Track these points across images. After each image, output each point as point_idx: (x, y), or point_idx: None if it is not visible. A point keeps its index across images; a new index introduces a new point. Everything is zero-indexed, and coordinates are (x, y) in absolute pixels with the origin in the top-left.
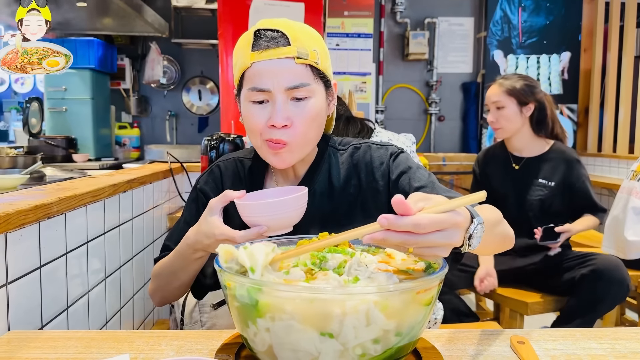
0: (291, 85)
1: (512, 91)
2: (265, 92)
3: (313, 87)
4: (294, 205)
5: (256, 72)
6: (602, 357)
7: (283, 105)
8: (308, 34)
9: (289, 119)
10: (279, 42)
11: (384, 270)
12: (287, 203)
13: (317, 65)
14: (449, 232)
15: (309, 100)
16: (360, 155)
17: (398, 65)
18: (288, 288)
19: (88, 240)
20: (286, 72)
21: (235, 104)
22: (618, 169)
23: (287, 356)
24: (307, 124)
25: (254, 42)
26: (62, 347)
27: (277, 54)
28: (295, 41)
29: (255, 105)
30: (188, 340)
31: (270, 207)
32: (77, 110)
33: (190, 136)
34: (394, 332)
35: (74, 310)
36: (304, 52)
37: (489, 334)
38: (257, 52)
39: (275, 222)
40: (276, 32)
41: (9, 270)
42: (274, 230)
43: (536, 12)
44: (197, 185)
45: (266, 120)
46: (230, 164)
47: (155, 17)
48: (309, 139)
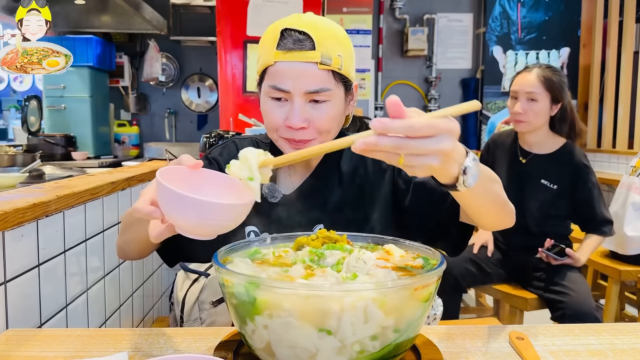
0: (311, 89)
1: (550, 84)
2: (284, 92)
3: (333, 92)
4: (218, 214)
5: (278, 71)
6: (601, 352)
7: (301, 107)
8: (334, 37)
9: (306, 121)
10: (304, 45)
11: (382, 267)
12: (206, 207)
13: (339, 70)
14: (441, 138)
15: (327, 103)
16: None
17: (397, 61)
18: (286, 285)
19: (87, 238)
20: (308, 76)
21: (234, 101)
22: (617, 165)
23: (285, 353)
24: (324, 126)
25: (280, 40)
26: (60, 345)
27: (301, 57)
28: (321, 46)
29: (274, 101)
30: (186, 337)
31: (183, 202)
32: (76, 108)
33: (189, 134)
34: (392, 329)
35: (73, 309)
36: (327, 57)
37: (488, 330)
38: (282, 52)
39: (183, 222)
40: (303, 34)
41: (7, 269)
42: (183, 231)
43: (535, 7)
44: (209, 155)
45: (283, 118)
46: (247, 142)
47: (154, 15)
48: (327, 138)
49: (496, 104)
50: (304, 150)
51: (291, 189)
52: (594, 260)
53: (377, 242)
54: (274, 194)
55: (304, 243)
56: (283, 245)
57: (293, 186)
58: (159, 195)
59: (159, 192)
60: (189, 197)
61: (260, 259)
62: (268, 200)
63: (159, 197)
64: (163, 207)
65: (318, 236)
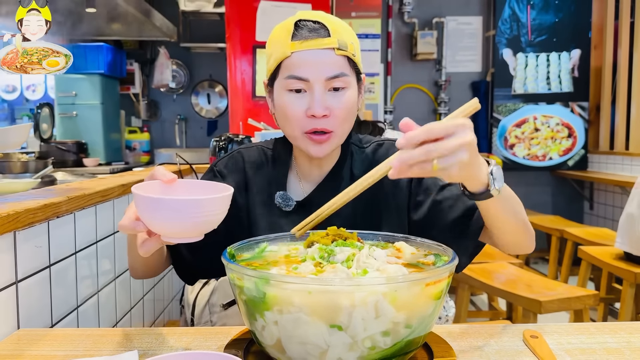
0: (331, 75)
1: None
2: (304, 81)
3: (349, 79)
4: (196, 210)
5: (296, 61)
6: (618, 350)
7: (322, 95)
8: (345, 27)
9: (327, 109)
10: (320, 32)
11: (393, 263)
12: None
13: (354, 57)
14: (459, 132)
15: (345, 90)
16: (383, 152)
17: (406, 65)
18: (296, 280)
19: (97, 240)
20: (326, 63)
21: (244, 106)
22: (631, 167)
23: (295, 350)
24: (345, 114)
25: (295, 31)
26: (71, 345)
27: (319, 44)
28: (335, 33)
29: (292, 94)
30: (197, 337)
31: (160, 205)
32: (87, 115)
33: (199, 139)
34: (404, 325)
35: (84, 310)
36: (343, 43)
37: (502, 329)
38: (298, 41)
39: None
40: (317, 23)
41: (18, 269)
42: (169, 237)
43: (545, 9)
44: (214, 167)
45: (304, 110)
46: (253, 151)
47: (164, 22)
48: (345, 129)
49: (507, 107)
50: (342, 194)
51: (302, 195)
52: (607, 262)
53: (387, 240)
54: (287, 203)
55: (314, 240)
56: (293, 243)
57: (304, 192)
58: (137, 206)
59: (136, 203)
60: (164, 199)
61: (270, 257)
62: (282, 210)
63: (138, 209)
64: (143, 217)
65: (328, 233)
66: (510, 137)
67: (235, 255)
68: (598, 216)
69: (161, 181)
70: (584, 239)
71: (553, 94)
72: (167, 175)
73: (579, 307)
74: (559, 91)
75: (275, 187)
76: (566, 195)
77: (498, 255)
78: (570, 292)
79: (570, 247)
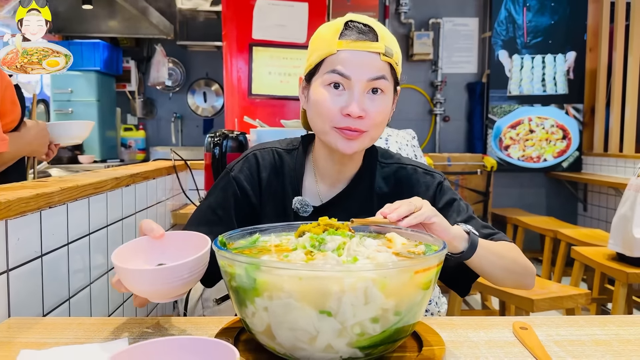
0: (373, 76)
1: None
2: (345, 78)
3: (389, 84)
4: (172, 276)
5: (341, 59)
6: (606, 342)
7: (361, 96)
8: (392, 37)
9: (364, 111)
10: (369, 36)
11: (383, 252)
12: (170, 272)
13: (396, 66)
14: (426, 205)
15: (383, 95)
16: (406, 176)
17: (402, 65)
18: (286, 265)
19: (90, 232)
20: (370, 65)
21: (240, 104)
22: (625, 169)
23: (285, 335)
24: (380, 118)
25: (343, 31)
26: (61, 333)
27: (367, 46)
28: (383, 39)
29: (331, 89)
30: (188, 326)
31: (133, 276)
32: (83, 112)
33: (195, 138)
34: (393, 312)
35: (76, 302)
36: (389, 50)
37: (492, 321)
38: (347, 41)
39: (146, 293)
40: (366, 26)
41: (9, 257)
42: (155, 299)
43: (541, 11)
44: (230, 172)
45: (340, 107)
46: (268, 154)
47: (161, 20)
48: (377, 134)
49: (502, 108)
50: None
51: (318, 197)
52: (600, 263)
53: (379, 232)
54: (305, 209)
55: (305, 230)
56: (285, 234)
57: (320, 195)
58: (118, 275)
59: (117, 272)
60: (137, 271)
61: (262, 246)
62: (300, 215)
63: (119, 276)
64: (124, 284)
65: (320, 223)
66: (505, 138)
67: (226, 243)
68: (592, 217)
69: (149, 237)
70: (577, 239)
71: (548, 96)
72: (155, 231)
73: (571, 305)
74: (554, 93)
75: (290, 191)
76: (560, 197)
77: None
78: (563, 290)
79: (564, 248)
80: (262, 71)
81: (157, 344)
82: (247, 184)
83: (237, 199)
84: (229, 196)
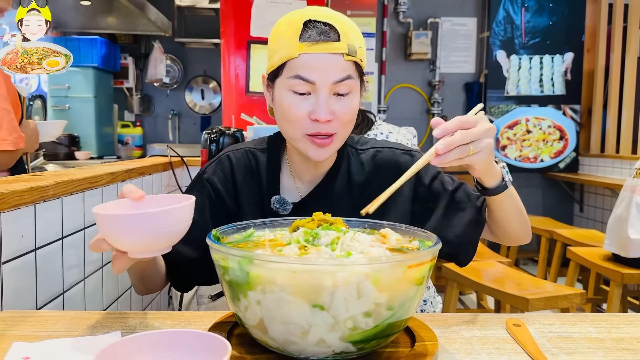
0: (338, 78)
1: None
2: (309, 83)
3: (355, 82)
4: (154, 222)
5: (303, 63)
6: (599, 339)
7: (327, 99)
8: (355, 30)
9: (332, 114)
10: (330, 36)
11: (377, 247)
12: (139, 219)
13: (361, 63)
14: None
15: (350, 95)
16: (384, 158)
17: (400, 64)
18: (279, 259)
19: (85, 227)
20: (334, 68)
21: (237, 101)
22: (621, 170)
23: (278, 329)
24: (348, 119)
25: (303, 32)
26: (55, 326)
27: (329, 48)
28: (345, 37)
29: (297, 95)
30: (181, 320)
31: (117, 223)
32: (80, 109)
33: (192, 135)
34: (386, 306)
35: (70, 297)
36: (353, 49)
37: (485, 318)
38: (307, 44)
39: (126, 244)
40: (327, 25)
41: (3, 251)
42: (135, 253)
43: (539, 12)
44: (203, 174)
45: (307, 112)
46: (242, 155)
47: (159, 16)
48: (347, 133)
49: (499, 108)
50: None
51: (297, 194)
52: (595, 263)
53: (373, 227)
54: (285, 207)
55: (299, 225)
56: (279, 229)
57: (299, 192)
58: (98, 226)
59: (98, 224)
60: (119, 215)
61: (256, 240)
62: (279, 214)
63: (100, 228)
64: (106, 236)
65: (314, 218)
66: (502, 138)
67: (220, 237)
68: (588, 218)
69: (130, 199)
70: (573, 240)
71: (545, 97)
72: (134, 193)
73: (566, 305)
74: (551, 94)
75: (268, 191)
76: (557, 197)
77: (487, 254)
78: (558, 290)
79: (560, 248)
80: (259, 69)
81: (149, 336)
82: (221, 186)
83: (212, 201)
84: (204, 198)
